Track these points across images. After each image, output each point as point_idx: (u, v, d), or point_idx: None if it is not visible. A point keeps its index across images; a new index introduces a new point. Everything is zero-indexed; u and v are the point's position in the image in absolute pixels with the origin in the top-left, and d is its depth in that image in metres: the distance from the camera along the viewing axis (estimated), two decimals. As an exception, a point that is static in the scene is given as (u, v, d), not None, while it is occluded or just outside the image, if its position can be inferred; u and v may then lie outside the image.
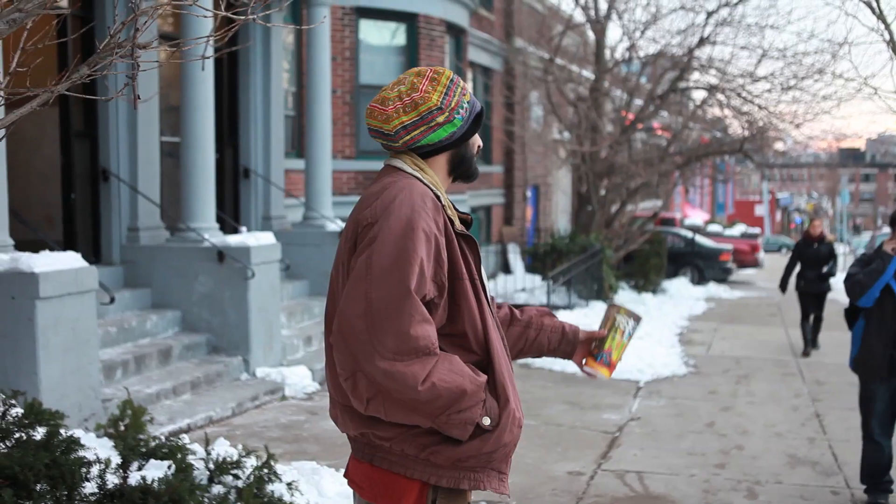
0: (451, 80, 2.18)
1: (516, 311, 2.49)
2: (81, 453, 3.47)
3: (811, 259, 11.24)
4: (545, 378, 8.90)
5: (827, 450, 6.51)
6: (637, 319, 2.53)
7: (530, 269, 16.25)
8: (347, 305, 1.97)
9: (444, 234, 2.07)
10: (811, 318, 11.40)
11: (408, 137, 2.15)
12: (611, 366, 2.50)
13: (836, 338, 12.58)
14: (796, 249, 11.50)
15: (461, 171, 2.25)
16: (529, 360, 9.53)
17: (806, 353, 11.04)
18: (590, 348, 2.52)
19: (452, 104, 2.16)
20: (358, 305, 1.95)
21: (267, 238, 8.15)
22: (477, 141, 2.27)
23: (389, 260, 1.97)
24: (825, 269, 11.14)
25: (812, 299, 11.40)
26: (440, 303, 2.05)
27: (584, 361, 2.51)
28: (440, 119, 2.14)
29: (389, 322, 1.93)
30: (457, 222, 2.14)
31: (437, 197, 2.12)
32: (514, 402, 2.11)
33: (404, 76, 2.20)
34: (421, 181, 2.13)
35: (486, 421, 2.03)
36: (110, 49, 2.24)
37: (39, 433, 3.53)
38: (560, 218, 22.76)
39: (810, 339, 11.25)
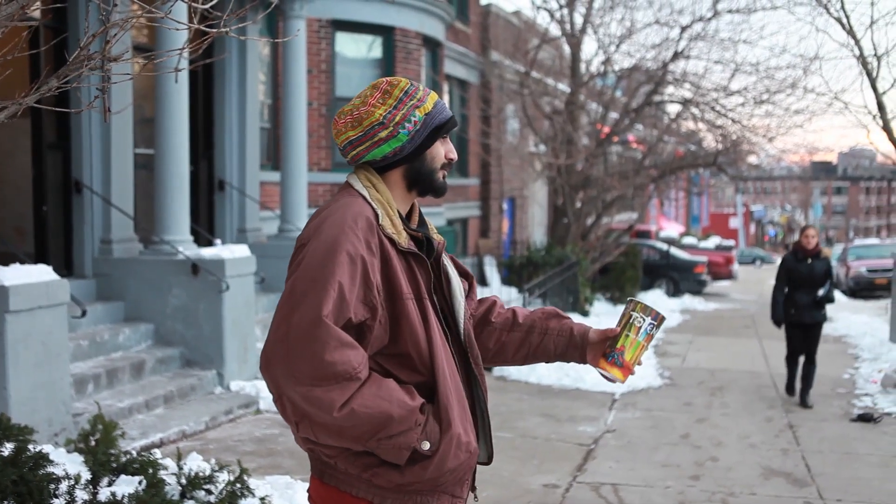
0: (406, 93, 2.13)
1: (518, 315, 2.39)
2: (50, 469, 3.43)
3: (803, 279, 8.51)
4: (521, 390, 8.90)
5: (800, 461, 6.55)
6: (655, 317, 2.31)
7: (506, 281, 16.27)
8: (271, 329, 1.97)
9: (378, 254, 2.02)
10: (801, 358, 8.74)
11: (354, 153, 2.13)
12: (624, 367, 2.29)
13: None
14: (785, 266, 8.67)
15: (422, 186, 2.18)
16: (505, 372, 9.53)
17: (791, 392, 8.92)
18: (605, 348, 2.33)
19: (397, 119, 2.10)
20: (279, 330, 1.94)
21: (242, 251, 8.11)
22: (439, 154, 2.18)
23: (308, 284, 1.95)
24: (821, 293, 8.50)
25: (803, 333, 8.61)
26: (374, 324, 2.00)
27: (598, 363, 2.34)
28: (382, 134, 2.10)
29: (305, 347, 1.90)
30: (401, 241, 2.07)
31: (377, 216, 2.05)
32: (459, 426, 2.04)
33: (365, 89, 2.19)
34: (365, 199, 2.08)
35: (426, 446, 1.98)
36: (80, 61, 2.23)
37: (7, 449, 3.48)
38: (536, 230, 22.83)
39: (801, 391, 8.63)
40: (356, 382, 1.92)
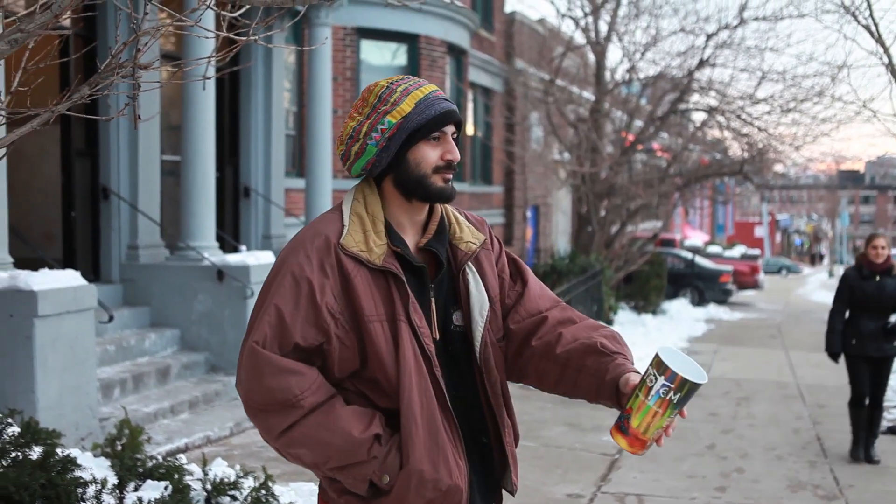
0: (380, 98, 1.99)
1: (560, 343, 2.06)
2: (78, 473, 3.46)
3: (870, 301, 6.81)
4: (544, 399, 8.87)
5: (828, 473, 6.47)
6: (671, 378, 1.80)
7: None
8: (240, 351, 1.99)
9: (336, 275, 1.91)
10: (866, 400, 6.97)
11: (346, 166, 2.08)
12: (630, 435, 1.86)
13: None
14: (846, 284, 6.94)
15: (419, 194, 2.00)
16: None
17: (856, 457, 6.92)
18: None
19: (364, 130, 1.98)
20: (241, 351, 1.96)
21: (266, 257, 8.15)
22: (429, 157, 1.98)
23: (256, 308, 1.96)
24: (893, 320, 6.74)
25: (870, 367, 6.92)
26: (331, 348, 1.92)
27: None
28: (355, 148, 2.01)
29: (247, 373, 1.91)
30: (373, 259, 1.93)
31: (341, 233, 1.94)
32: (423, 462, 1.89)
33: None
34: (342, 213, 2.00)
35: (385, 479, 1.89)
36: (111, 69, 2.25)
37: (36, 452, 3.51)
38: (560, 238, 22.76)
39: (863, 440, 6.96)
40: (299, 410, 1.88)
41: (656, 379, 1.81)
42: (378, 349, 1.91)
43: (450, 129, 2.01)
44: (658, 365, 1.81)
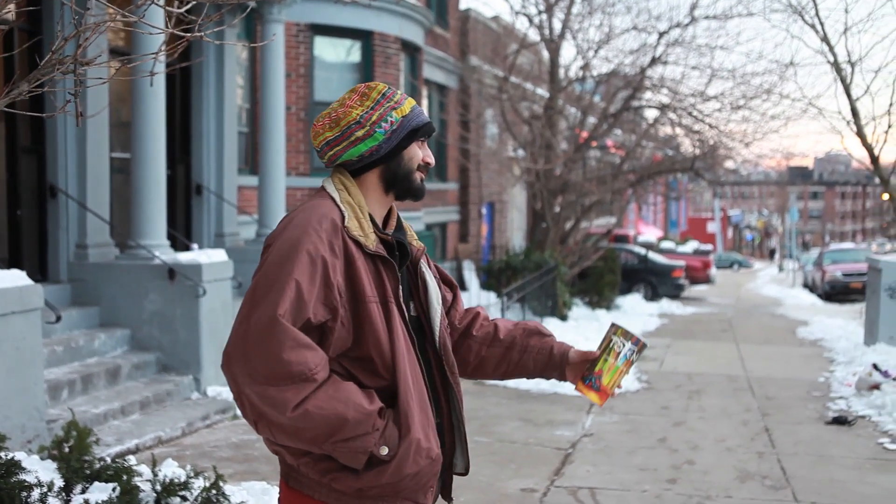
0: (383, 95, 2.16)
1: (500, 330, 2.39)
2: (23, 476, 3.40)
3: None
4: (499, 395, 8.91)
5: (776, 464, 6.60)
6: (636, 342, 2.32)
7: (485, 285, 16.29)
8: (233, 328, 1.99)
9: (342, 256, 2.03)
10: None
11: (331, 153, 2.16)
12: (601, 391, 2.31)
13: (784, 352, 12.82)
14: None
15: (400, 189, 2.19)
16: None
17: None
18: (584, 370, 2.35)
19: (374, 118, 2.13)
20: (240, 328, 1.97)
21: (219, 255, 8.07)
22: (417, 156, 2.19)
23: (268, 283, 1.98)
24: None
25: None
26: (335, 326, 2.01)
27: (576, 385, 2.36)
28: (359, 133, 2.12)
29: (261, 346, 1.92)
30: (369, 244, 2.07)
31: (344, 218, 2.07)
32: (419, 432, 2.03)
33: (344, 93, 2.23)
34: (335, 201, 2.10)
35: (384, 451, 1.99)
36: (52, 65, 2.21)
37: (-21, 456, 3.44)
38: (515, 235, 22.88)
39: None
40: (312, 384, 1.93)
41: (624, 345, 2.31)
42: (375, 329, 2.04)
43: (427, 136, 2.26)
44: (624, 334, 2.32)
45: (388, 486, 2.02)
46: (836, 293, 25.21)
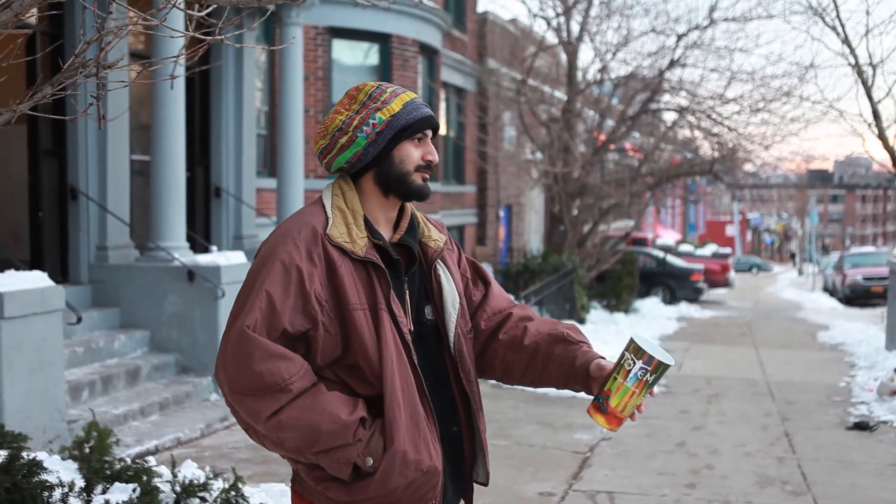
0: (370, 96, 2.09)
1: (527, 335, 2.22)
2: (44, 476, 3.42)
3: None
4: (517, 398, 8.89)
5: (796, 469, 6.55)
6: (648, 361, 1.99)
7: (503, 288, 16.25)
8: (222, 337, 2.01)
9: (323, 264, 1.99)
10: None
11: (325, 160, 2.14)
12: (609, 414, 2.03)
13: (804, 356, 12.72)
14: None
15: (398, 191, 2.11)
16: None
17: None
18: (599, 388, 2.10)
19: (356, 123, 2.07)
20: (223, 339, 2.00)
21: (237, 257, 8.10)
22: (412, 156, 2.10)
23: (244, 294, 2.01)
24: None
25: None
26: (317, 335, 1.98)
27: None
28: (343, 140, 2.08)
29: (234, 358, 1.94)
30: (356, 250, 2.01)
31: (327, 225, 2.02)
32: (406, 443, 1.97)
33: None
34: (325, 207, 2.08)
35: (369, 462, 1.95)
36: (75, 68, 2.23)
37: (1, 456, 3.47)
38: (533, 238, 22.84)
39: None
40: (286, 394, 1.92)
41: (634, 363, 1.99)
42: (361, 336, 1.99)
43: (429, 132, 2.14)
44: (636, 350, 2.00)
45: (375, 499, 1.98)
46: (857, 297, 25.00)
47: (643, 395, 2.01)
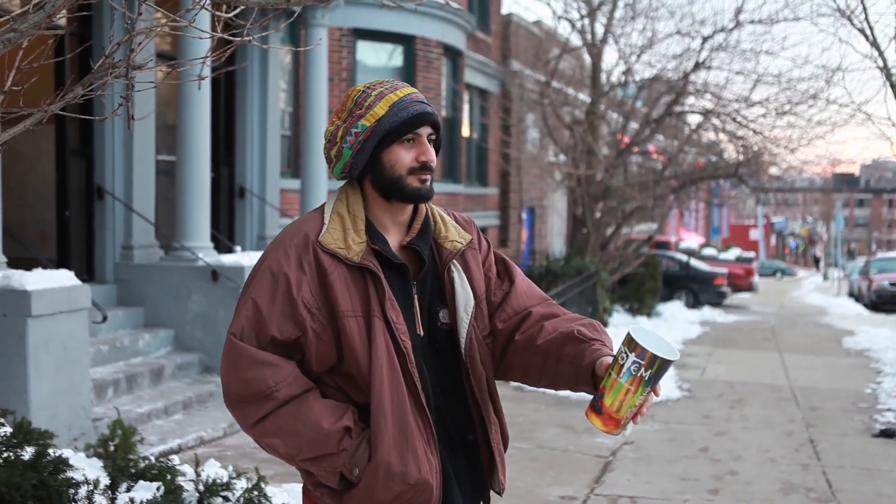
0: (356, 102, 2.04)
1: (542, 333, 2.09)
2: (70, 474, 3.45)
3: None
4: (538, 401, 8.87)
5: (821, 476, 6.48)
6: (641, 354, 1.81)
7: (525, 290, 16.21)
8: None
9: (313, 271, 1.97)
10: None
11: (329, 168, 2.15)
12: (604, 415, 1.86)
13: (829, 362, 12.59)
14: None
15: (396, 195, 2.03)
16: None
17: None
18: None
19: (341, 133, 2.03)
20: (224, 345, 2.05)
21: (261, 258, 8.13)
22: (402, 160, 2.01)
23: (239, 301, 2.04)
24: None
25: None
26: (307, 342, 1.97)
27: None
28: (333, 152, 2.07)
29: (226, 365, 1.99)
30: (350, 256, 1.97)
31: (321, 231, 2.00)
32: (390, 455, 1.91)
33: None
34: (323, 212, 2.07)
35: (355, 472, 1.93)
36: (105, 69, 2.24)
37: (28, 453, 3.50)
38: (555, 240, 22.78)
39: None
40: (272, 401, 1.93)
41: (627, 356, 1.82)
42: (352, 344, 1.96)
43: (425, 130, 2.03)
44: (629, 343, 1.83)
45: None
46: (883, 303, 24.71)
47: (640, 393, 1.82)
